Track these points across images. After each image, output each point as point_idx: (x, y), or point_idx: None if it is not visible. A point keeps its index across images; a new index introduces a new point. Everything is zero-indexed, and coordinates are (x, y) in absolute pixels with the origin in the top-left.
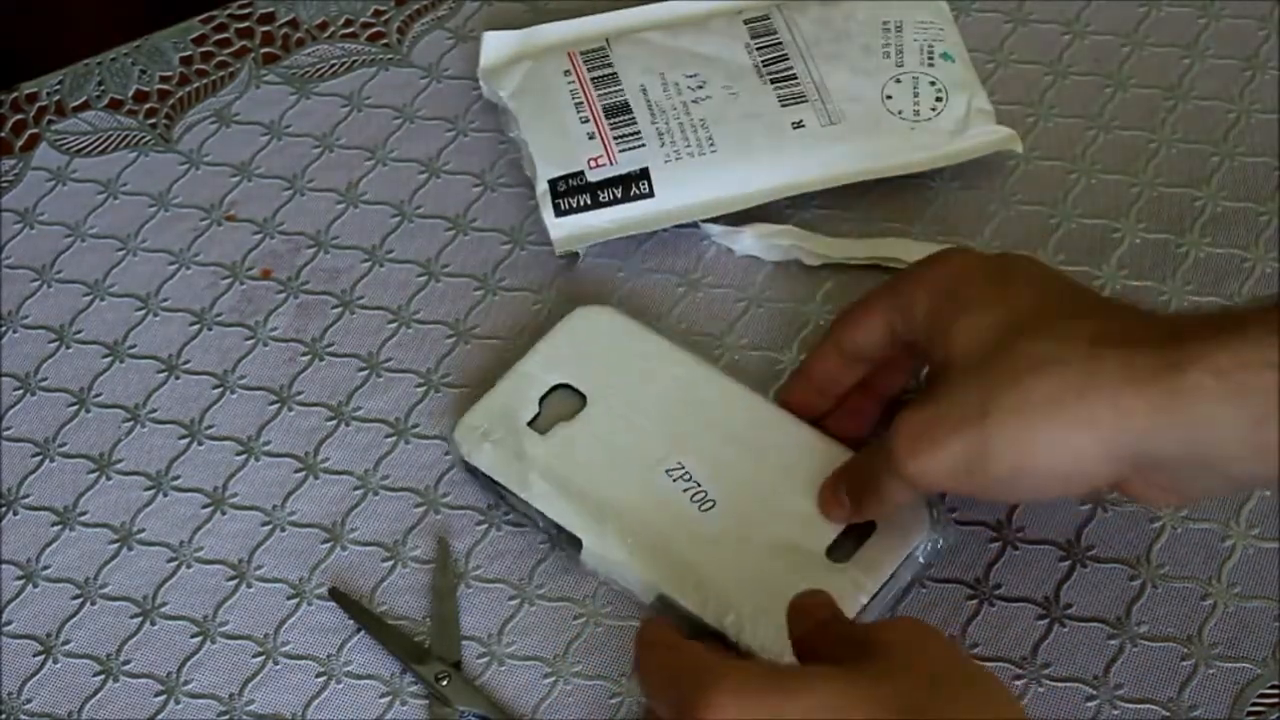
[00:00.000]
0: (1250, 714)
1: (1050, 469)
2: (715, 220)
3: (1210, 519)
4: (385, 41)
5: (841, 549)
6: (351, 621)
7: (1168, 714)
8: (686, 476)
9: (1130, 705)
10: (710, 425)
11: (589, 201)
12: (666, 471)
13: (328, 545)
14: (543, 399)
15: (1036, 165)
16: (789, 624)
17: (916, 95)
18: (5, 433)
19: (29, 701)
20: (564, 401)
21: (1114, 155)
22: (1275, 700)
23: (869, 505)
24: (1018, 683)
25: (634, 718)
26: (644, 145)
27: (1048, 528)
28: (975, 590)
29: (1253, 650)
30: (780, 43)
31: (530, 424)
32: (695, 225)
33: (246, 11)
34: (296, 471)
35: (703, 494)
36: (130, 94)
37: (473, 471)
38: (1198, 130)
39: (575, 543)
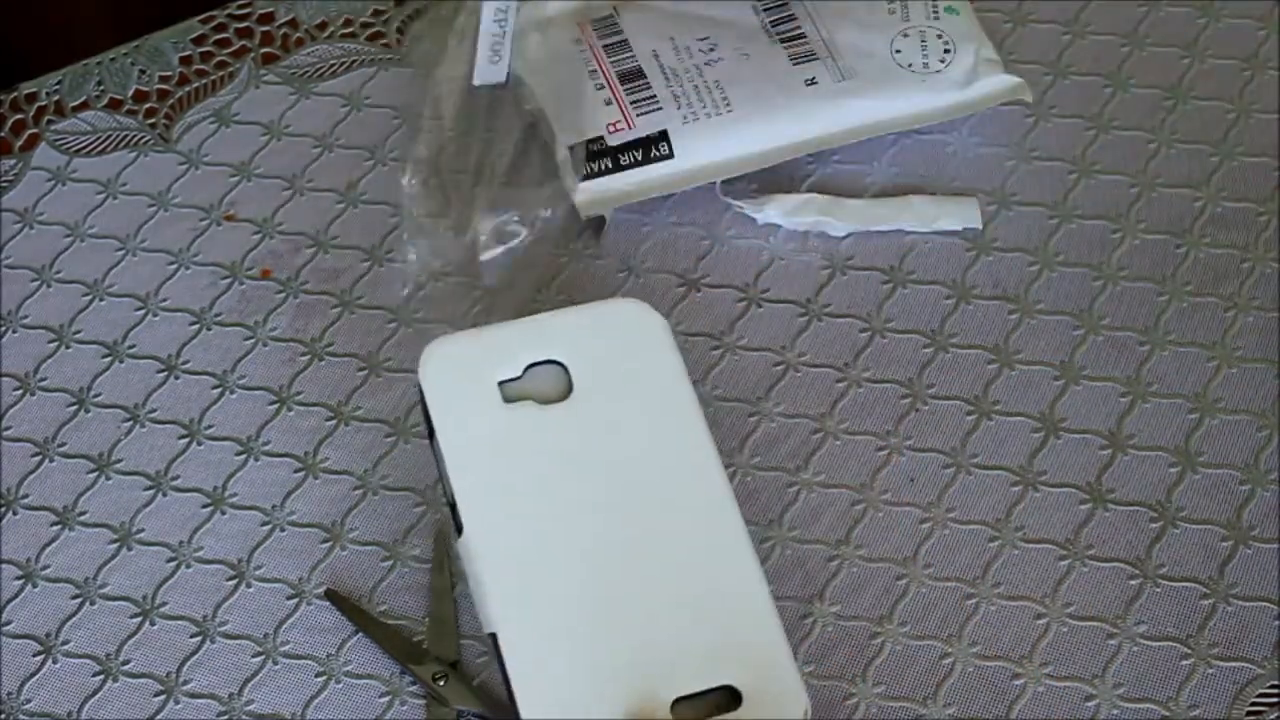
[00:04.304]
0: (1250, 714)
1: None
2: (737, 182)
3: (1211, 518)
4: (385, 41)
5: (692, 708)
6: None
7: (1167, 714)
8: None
9: (1130, 705)
10: (653, 492)
11: (610, 165)
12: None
13: (327, 545)
14: (531, 366)
15: (1036, 166)
16: None
17: (925, 48)
18: (5, 433)
19: (28, 701)
20: (550, 381)
21: (1114, 155)
22: (1275, 700)
23: None
24: (1015, 681)
25: None
26: (661, 109)
27: (1045, 526)
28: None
29: (1253, 650)
30: (786, 3)
31: (502, 384)
32: (717, 199)
33: (246, 11)
34: (296, 471)
35: (590, 538)
36: (130, 94)
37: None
38: (1198, 130)
39: (459, 525)
